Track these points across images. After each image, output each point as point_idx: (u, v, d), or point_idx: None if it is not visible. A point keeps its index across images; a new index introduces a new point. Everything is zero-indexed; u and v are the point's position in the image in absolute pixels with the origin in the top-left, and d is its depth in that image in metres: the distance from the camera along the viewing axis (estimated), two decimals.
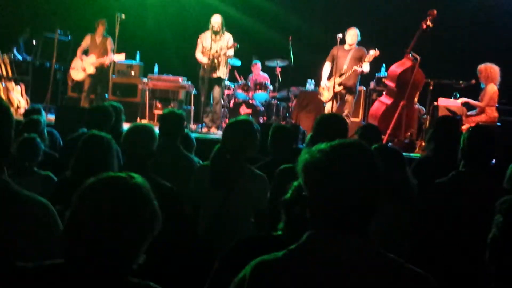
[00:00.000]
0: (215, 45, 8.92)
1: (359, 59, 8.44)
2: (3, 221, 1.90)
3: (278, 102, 10.82)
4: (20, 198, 1.97)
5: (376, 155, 1.71)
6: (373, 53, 8.31)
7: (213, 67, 8.97)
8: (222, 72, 9.10)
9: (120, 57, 9.74)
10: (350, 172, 1.64)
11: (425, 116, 8.72)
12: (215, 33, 8.93)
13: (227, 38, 8.97)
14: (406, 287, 1.63)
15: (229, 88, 10.51)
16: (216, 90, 9.25)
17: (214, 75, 9.04)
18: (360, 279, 1.61)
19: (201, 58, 9.03)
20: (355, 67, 8.37)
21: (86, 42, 9.83)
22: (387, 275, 1.63)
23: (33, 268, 1.70)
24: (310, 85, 10.69)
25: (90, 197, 1.67)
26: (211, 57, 8.87)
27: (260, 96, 10.52)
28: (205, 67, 8.97)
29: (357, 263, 1.62)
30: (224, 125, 9.21)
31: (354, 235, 1.64)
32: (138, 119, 9.68)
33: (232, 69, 10.52)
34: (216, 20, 8.92)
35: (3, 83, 9.77)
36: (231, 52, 9.00)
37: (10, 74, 10.09)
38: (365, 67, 8.42)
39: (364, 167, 1.66)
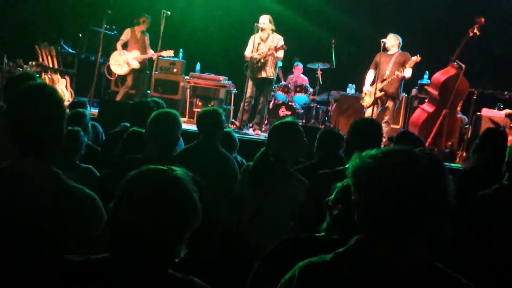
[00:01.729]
0: (263, 45, 8.89)
1: (402, 64, 8.34)
2: (53, 212, 1.94)
3: (318, 106, 10.79)
4: (69, 190, 2.01)
5: (428, 167, 1.70)
6: (415, 58, 8.22)
7: (260, 67, 8.88)
8: (270, 73, 8.93)
9: (169, 53, 9.85)
10: (400, 179, 1.63)
11: (467, 126, 8.58)
12: (262, 33, 8.90)
13: (277, 39, 8.87)
14: None
15: None
16: (263, 91, 9.14)
17: (260, 76, 8.92)
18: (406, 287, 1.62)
19: (249, 55, 8.91)
20: (396, 72, 8.28)
21: (126, 36, 9.93)
22: (435, 284, 1.64)
23: (80, 262, 1.72)
24: (350, 89, 10.62)
25: (131, 191, 1.69)
26: (258, 56, 8.83)
27: (300, 99, 10.50)
28: (253, 65, 8.87)
29: (404, 270, 1.63)
30: (263, 125, 9.28)
31: (401, 242, 1.65)
32: None
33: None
34: (263, 20, 8.87)
35: (49, 75, 9.98)
36: (280, 53, 8.84)
37: (56, 66, 10.30)
38: (407, 73, 8.31)
39: (414, 177, 1.65)
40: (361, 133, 3.53)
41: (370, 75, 8.67)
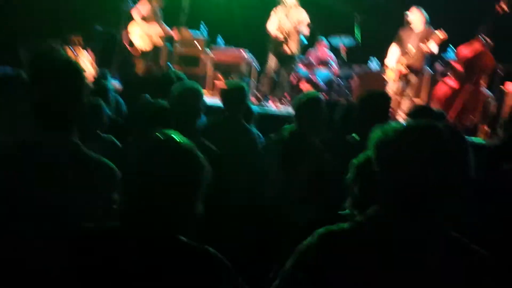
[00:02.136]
0: (286, 20, 8.82)
1: (426, 39, 8.21)
2: (72, 182, 1.98)
3: (340, 80, 10.71)
4: (89, 160, 2.05)
5: (451, 141, 1.69)
6: (440, 34, 8.06)
7: (283, 41, 8.83)
8: (293, 48, 8.88)
9: (187, 33, 9.82)
10: (421, 153, 1.63)
11: (491, 101, 8.46)
12: (286, 8, 8.79)
13: (301, 14, 8.79)
14: (474, 270, 1.65)
15: None
16: (285, 65, 9.07)
17: (283, 50, 8.87)
18: (422, 258, 1.63)
19: (273, 30, 8.84)
20: (421, 45, 8.15)
21: (144, 6, 9.75)
22: (453, 257, 1.65)
23: (96, 230, 1.76)
24: (372, 62, 10.51)
25: (138, 163, 1.74)
26: (282, 31, 8.77)
27: (322, 74, 10.44)
28: (276, 40, 8.82)
29: (421, 242, 1.64)
30: (283, 99, 9.27)
31: (421, 216, 1.65)
32: None
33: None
34: None
35: (71, 48, 10.01)
36: (304, 28, 8.80)
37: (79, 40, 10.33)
38: (432, 47, 8.18)
39: (436, 151, 1.64)
40: (367, 107, 3.52)
41: (393, 49, 8.56)
